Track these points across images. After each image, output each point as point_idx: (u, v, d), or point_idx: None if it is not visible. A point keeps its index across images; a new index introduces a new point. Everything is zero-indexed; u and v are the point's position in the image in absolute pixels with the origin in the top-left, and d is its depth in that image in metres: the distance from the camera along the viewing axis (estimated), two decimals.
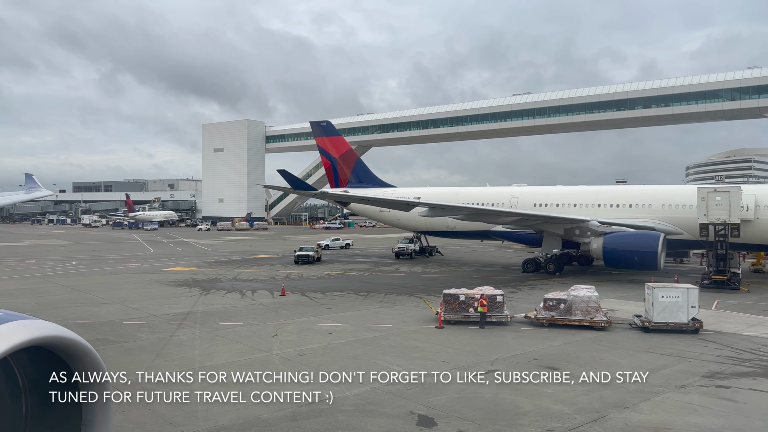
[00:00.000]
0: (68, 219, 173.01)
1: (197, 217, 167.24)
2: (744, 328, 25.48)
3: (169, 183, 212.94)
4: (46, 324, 4.64)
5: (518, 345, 22.16)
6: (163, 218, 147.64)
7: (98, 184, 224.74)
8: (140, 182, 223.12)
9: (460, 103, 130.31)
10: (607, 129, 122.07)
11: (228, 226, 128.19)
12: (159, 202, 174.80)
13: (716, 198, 36.64)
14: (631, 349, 21.54)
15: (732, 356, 20.56)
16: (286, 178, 43.78)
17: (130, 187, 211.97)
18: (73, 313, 28.64)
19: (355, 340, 22.77)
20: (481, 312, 25.26)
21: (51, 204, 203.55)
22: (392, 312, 29.06)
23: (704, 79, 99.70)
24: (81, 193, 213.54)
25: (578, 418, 14.51)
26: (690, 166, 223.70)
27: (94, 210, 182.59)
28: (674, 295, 24.23)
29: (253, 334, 23.85)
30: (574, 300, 25.21)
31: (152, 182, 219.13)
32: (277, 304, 31.14)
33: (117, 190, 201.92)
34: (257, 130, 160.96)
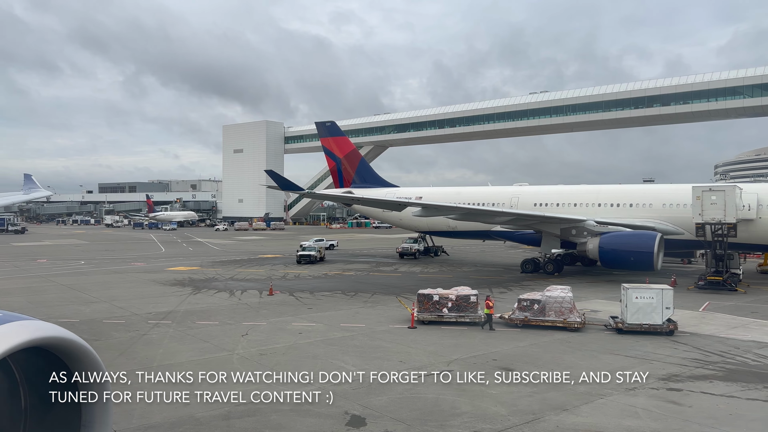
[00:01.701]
0: (92, 219, 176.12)
1: (218, 217, 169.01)
2: (723, 330, 24.99)
3: (192, 184, 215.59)
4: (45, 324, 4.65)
5: (483, 346, 22.03)
6: (183, 218, 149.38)
7: (123, 185, 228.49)
8: (164, 183, 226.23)
9: (475, 102, 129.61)
10: (625, 127, 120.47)
11: (245, 226, 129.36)
12: (181, 202, 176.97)
13: (711, 197, 35.92)
14: (597, 351, 21.28)
15: (698, 359, 20.19)
16: (274, 178, 44.10)
17: (154, 187, 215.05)
18: (59, 311, 29.20)
19: (322, 340, 22.87)
20: (487, 314, 24.89)
21: (77, 204, 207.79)
22: (372, 312, 29.09)
23: (724, 75, 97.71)
24: (106, 194, 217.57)
25: (511, 420, 14.40)
26: (718, 164, 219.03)
27: (118, 210, 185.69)
28: (648, 296, 23.88)
29: (223, 333, 24.09)
30: (547, 301, 24.98)
31: (175, 183, 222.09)
32: (261, 304, 31.39)
33: (141, 191, 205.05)
34: (276, 130, 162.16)
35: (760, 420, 14.39)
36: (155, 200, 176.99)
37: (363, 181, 61.12)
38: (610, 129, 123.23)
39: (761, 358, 20.23)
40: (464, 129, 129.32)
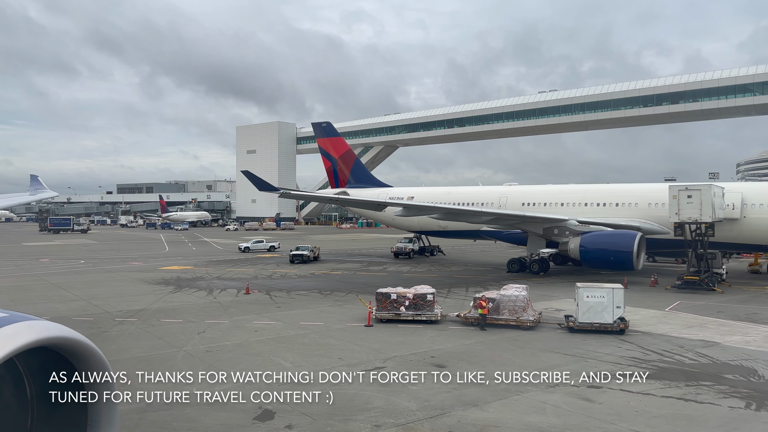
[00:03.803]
0: (108, 220, 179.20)
1: (231, 217, 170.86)
2: (678, 329, 24.98)
3: (207, 184, 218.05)
4: (52, 325, 4.68)
5: (429, 343, 22.35)
6: (196, 218, 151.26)
7: (140, 186, 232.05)
8: (180, 184, 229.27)
9: (484, 102, 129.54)
10: (631, 126, 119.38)
11: (255, 226, 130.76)
12: (195, 202, 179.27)
13: (687, 196, 35.75)
14: (539, 349, 21.47)
15: (636, 357, 20.30)
16: (250, 178, 44.74)
17: (171, 188, 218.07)
18: (34, 309, 30.07)
19: (273, 338, 23.37)
20: (482, 314, 24.69)
21: (96, 205, 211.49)
22: (337, 311, 29.53)
23: (734, 73, 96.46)
24: (123, 195, 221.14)
25: (417, 415, 14.75)
26: (741, 162, 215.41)
27: (135, 211, 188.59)
28: (599, 295, 23.99)
29: (182, 331, 24.70)
30: (501, 299, 25.22)
31: (191, 183, 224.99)
32: (233, 303, 31.99)
33: (158, 192, 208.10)
34: (288, 131, 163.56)
35: (662, 416, 14.54)
36: (172, 201, 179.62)
37: (358, 181, 61.64)
38: (619, 128, 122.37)
39: (699, 357, 20.28)
40: (473, 128, 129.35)
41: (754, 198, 40.61)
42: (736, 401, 15.69)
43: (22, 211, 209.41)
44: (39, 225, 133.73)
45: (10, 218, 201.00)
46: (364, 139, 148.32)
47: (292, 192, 46.71)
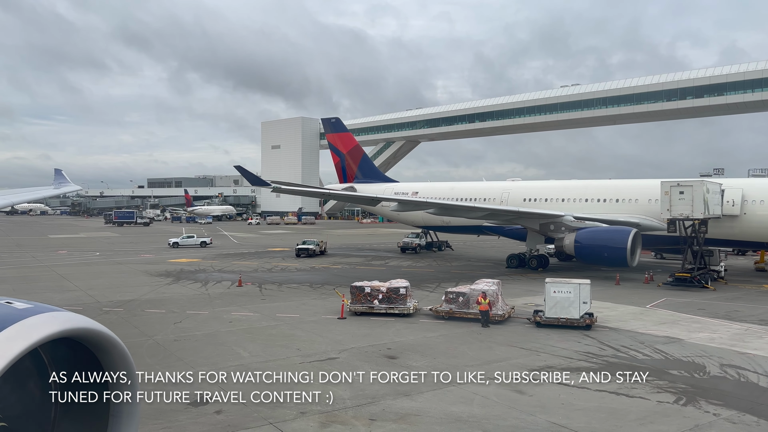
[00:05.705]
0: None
1: (256, 211, 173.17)
2: (649, 326, 24.94)
3: (234, 179, 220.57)
4: (76, 316, 4.73)
5: (393, 336, 22.78)
6: (221, 212, 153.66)
7: (170, 180, 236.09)
8: (208, 178, 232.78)
9: (506, 96, 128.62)
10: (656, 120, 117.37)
11: (277, 221, 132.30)
12: (222, 197, 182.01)
13: (679, 192, 35.39)
14: (497, 343, 21.73)
15: (590, 352, 20.43)
16: (243, 173, 45.51)
17: (199, 183, 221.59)
18: (31, 298, 31.01)
19: (244, 329, 24.05)
20: (481, 310, 24.45)
21: (126, 199, 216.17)
22: (317, 303, 30.11)
23: (752, 67, 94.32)
24: (152, 189, 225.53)
25: (346, 403, 15.20)
26: None
27: (163, 204, 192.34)
28: (566, 290, 24.10)
29: (160, 321, 25.56)
30: (471, 294, 25.49)
31: (219, 178, 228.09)
32: (222, 295, 32.83)
33: (186, 186, 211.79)
34: (311, 127, 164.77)
35: (584, 409, 14.75)
36: (200, 195, 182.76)
37: (365, 176, 62.19)
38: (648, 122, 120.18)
39: (655, 353, 20.32)
40: (494, 123, 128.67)
41: (754, 194, 39.93)
42: (667, 396, 15.80)
43: (57, 205, 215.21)
44: (104, 218, 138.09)
45: (45, 211, 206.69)
46: (385, 135, 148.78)
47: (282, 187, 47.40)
